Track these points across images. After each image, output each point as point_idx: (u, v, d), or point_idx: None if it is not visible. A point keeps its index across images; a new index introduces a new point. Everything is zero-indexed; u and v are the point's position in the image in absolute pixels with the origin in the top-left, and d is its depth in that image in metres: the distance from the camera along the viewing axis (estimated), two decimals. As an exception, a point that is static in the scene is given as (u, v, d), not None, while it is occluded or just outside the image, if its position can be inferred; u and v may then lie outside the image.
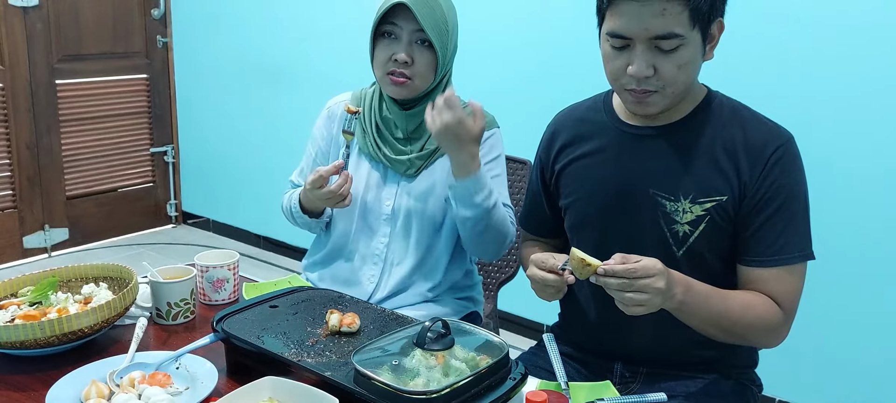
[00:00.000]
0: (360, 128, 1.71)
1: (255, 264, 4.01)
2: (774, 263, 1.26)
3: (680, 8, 1.18)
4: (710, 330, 1.27)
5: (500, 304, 2.11)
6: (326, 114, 1.79)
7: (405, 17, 1.57)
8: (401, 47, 1.58)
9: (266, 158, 4.11)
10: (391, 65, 1.60)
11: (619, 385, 1.41)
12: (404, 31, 1.58)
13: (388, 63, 1.60)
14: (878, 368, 2.34)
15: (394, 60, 1.59)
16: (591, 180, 1.40)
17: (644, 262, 1.14)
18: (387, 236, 1.70)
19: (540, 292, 1.29)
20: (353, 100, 1.75)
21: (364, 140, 1.70)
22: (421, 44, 1.59)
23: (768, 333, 1.29)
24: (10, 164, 3.85)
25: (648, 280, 1.13)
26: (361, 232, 1.72)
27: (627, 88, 1.27)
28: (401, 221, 1.68)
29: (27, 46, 3.81)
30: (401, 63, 1.58)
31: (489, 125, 1.70)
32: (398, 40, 1.59)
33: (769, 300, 1.27)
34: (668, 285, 1.15)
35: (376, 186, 1.70)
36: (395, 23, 1.58)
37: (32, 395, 1.17)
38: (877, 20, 2.21)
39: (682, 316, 1.24)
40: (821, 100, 2.34)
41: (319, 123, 1.79)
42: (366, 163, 1.71)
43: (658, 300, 1.15)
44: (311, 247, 1.85)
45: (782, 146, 1.27)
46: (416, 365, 1.08)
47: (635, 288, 1.13)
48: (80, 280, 1.48)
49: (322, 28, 3.68)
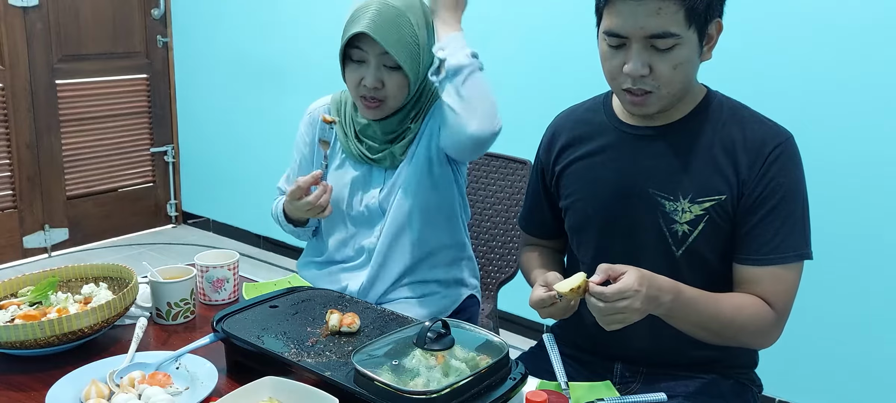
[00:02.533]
0: (342, 132, 1.71)
1: (255, 264, 4.01)
2: (769, 262, 1.26)
3: (675, 7, 1.18)
4: (700, 333, 1.27)
5: (500, 304, 2.11)
6: (308, 120, 1.78)
7: (370, 42, 1.53)
8: (369, 73, 1.56)
9: (266, 158, 4.11)
10: (362, 89, 1.58)
11: (618, 385, 1.41)
12: (371, 55, 1.55)
13: (358, 87, 1.59)
14: (878, 368, 2.34)
15: (363, 85, 1.57)
16: (590, 180, 1.40)
17: (619, 286, 1.14)
18: (379, 234, 1.68)
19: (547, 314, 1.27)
20: (333, 104, 1.75)
21: (346, 142, 1.70)
22: (390, 67, 1.56)
23: (759, 335, 1.29)
24: (10, 164, 3.86)
25: (625, 302, 1.13)
26: (354, 232, 1.72)
27: (624, 88, 1.27)
28: (391, 215, 1.66)
29: (27, 46, 3.81)
30: (370, 88, 1.56)
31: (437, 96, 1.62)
32: (366, 65, 1.56)
33: (760, 301, 1.26)
34: (646, 300, 1.15)
35: (363, 185, 1.70)
36: (360, 47, 1.56)
37: (32, 395, 1.17)
38: (876, 20, 2.21)
39: (671, 321, 1.25)
40: (820, 101, 2.34)
41: (301, 129, 1.79)
42: (350, 165, 1.71)
43: (635, 317, 1.16)
44: (306, 248, 1.85)
45: (781, 144, 1.27)
46: (416, 365, 1.08)
47: (615, 310, 1.14)
48: (80, 280, 1.48)
49: (322, 28, 3.67)
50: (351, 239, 1.72)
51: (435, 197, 1.67)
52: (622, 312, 1.14)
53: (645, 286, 1.15)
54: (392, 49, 1.52)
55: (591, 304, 1.16)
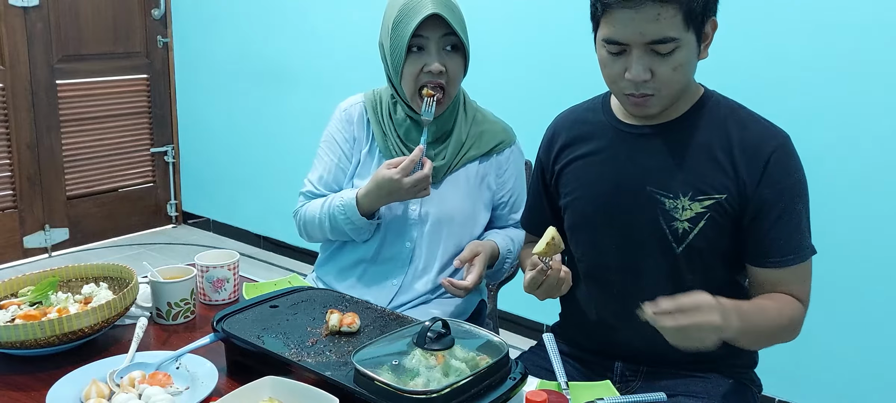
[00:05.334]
0: (379, 131, 1.68)
1: (255, 264, 4.01)
2: (789, 262, 1.28)
3: (674, 11, 1.18)
4: (761, 343, 1.30)
5: (500, 304, 2.11)
6: (344, 117, 1.73)
7: (433, 27, 1.53)
8: (432, 58, 1.56)
9: (266, 158, 4.11)
10: (424, 76, 1.56)
11: (619, 383, 1.41)
12: (432, 40, 1.55)
13: (420, 75, 1.56)
14: (878, 368, 2.35)
15: (427, 72, 1.55)
16: (590, 179, 1.40)
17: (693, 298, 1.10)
18: (412, 241, 1.67)
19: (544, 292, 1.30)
20: (368, 103, 1.72)
21: (384, 143, 1.67)
22: (450, 50, 1.57)
23: (793, 331, 1.30)
24: (11, 164, 3.85)
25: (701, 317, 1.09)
26: (387, 236, 1.68)
27: (626, 93, 1.27)
28: (429, 227, 1.66)
29: (27, 46, 3.81)
30: (436, 74, 1.55)
31: (510, 139, 1.74)
32: (427, 52, 1.56)
33: (792, 298, 1.29)
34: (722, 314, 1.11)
35: None
36: (422, 35, 1.54)
37: (32, 395, 1.17)
38: (876, 20, 2.21)
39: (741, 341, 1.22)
40: (819, 101, 2.34)
41: (338, 126, 1.73)
42: None
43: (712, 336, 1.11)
44: (328, 250, 1.77)
45: (780, 146, 1.28)
46: (416, 365, 1.08)
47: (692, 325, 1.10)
48: (80, 280, 1.48)
49: (322, 28, 3.68)
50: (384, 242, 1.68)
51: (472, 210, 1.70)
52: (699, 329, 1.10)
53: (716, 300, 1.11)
54: (458, 26, 1.54)
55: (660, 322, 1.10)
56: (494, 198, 1.74)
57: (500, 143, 1.72)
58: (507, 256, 1.71)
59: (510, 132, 1.75)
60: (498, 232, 1.75)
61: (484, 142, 1.70)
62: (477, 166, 1.70)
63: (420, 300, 1.69)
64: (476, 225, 1.71)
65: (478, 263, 1.59)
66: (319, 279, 1.76)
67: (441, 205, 1.66)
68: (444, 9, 1.52)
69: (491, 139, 1.70)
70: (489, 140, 1.70)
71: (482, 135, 1.70)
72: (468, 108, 1.71)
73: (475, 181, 1.69)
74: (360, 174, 1.70)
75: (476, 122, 1.71)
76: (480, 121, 1.72)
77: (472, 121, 1.70)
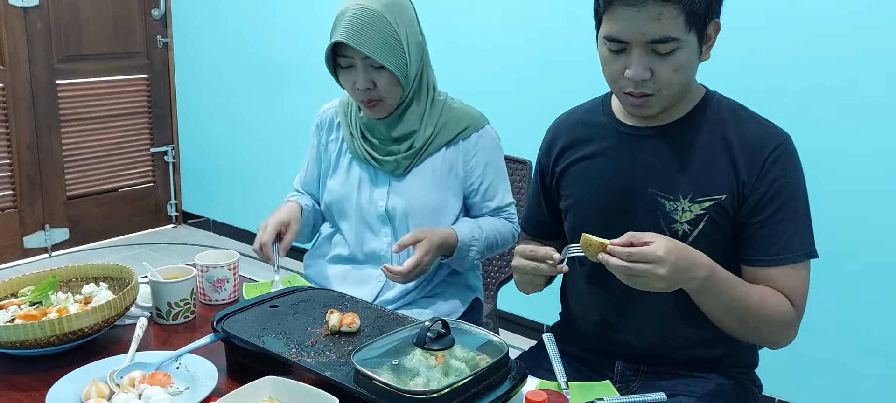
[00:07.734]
0: (347, 133, 1.73)
1: (255, 264, 3.99)
2: (779, 262, 1.26)
3: (676, 12, 1.18)
4: (725, 317, 1.26)
5: (500, 304, 2.11)
6: (316, 123, 1.82)
7: (352, 48, 1.55)
8: (359, 76, 1.58)
9: (266, 158, 4.11)
10: (356, 93, 1.61)
11: (619, 383, 1.41)
12: (356, 59, 1.58)
13: (354, 91, 1.62)
14: (877, 368, 2.35)
15: (357, 89, 1.60)
16: (590, 181, 1.40)
17: (644, 250, 1.14)
18: (389, 236, 1.71)
19: (526, 284, 1.33)
20: (341, 107, 1.78)
21: (352, 143, 1.72)
22: (377, 68, 1.58)
23: (780, 329, 1.28)
24: (11, 164, 3.86)
25: (647, 266, 1.14)
26: (362, 233, 1.72)
27: (625, 91, 1.27)
28: (398, 221, 1.69)
29: (27, 46, 3.81)
30: (363, 91, 1.59)
31: (477, 124, 1.71)
32: (354, 69, 1.59)
33: (782, 296, 1.27)
34: (676, 270, 1.14)
35: (369, 187, 1.71)
36: (345, 54, 1.59)
37: (32, 395, 1.17)
38: (876, 21, 2.21)
39: (700, 299, 1.24)
40: (819, 101, 2.34)
41: (312, 131, 1.82)
42: (356, 164, 1.73)
43: (659, 284, 1.15)
44: (314, 246, 1.85)
45: (780, 145, 1.27)
46: (416, 365, 1.08)
47: (634, 272, 1.14)
48: (80, 280, 1.48)
49: (322, 28, 3.65)
50: (361, 239, 1.73)
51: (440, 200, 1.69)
52: (643, 275, 1.14)
53: (673, 255, 1.14)
54: (371, 52, 1.54)
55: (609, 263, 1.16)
56: (464, 184, 1.72)
57: (466, 128, 1.70)
58: (472, 244, 1.66)
59: (478, 117, 1.73)
60: (466, 220, 1.73)
61: (448, 130, 1.69)
62: (443, 154, 1.69)
63: (407, 298, 1.71)
64: (446, 215, 1.70)
65: (419, 249, 1.57)
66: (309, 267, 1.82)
67: (407, 199, 1.68)
68: (355, 36, 1.53)
69: (455, 126, 1.70)
70: (453, 127, 1.70)
71: (447, 124, 1.70)
72: (435, 103, 1.71)
73: (441, 170, 1.69)
74: (333, 175, 1.76)
75: (442, 114, 1.70)
76: (447, 112, 1.71)
77: (438, 114, 1.70)
